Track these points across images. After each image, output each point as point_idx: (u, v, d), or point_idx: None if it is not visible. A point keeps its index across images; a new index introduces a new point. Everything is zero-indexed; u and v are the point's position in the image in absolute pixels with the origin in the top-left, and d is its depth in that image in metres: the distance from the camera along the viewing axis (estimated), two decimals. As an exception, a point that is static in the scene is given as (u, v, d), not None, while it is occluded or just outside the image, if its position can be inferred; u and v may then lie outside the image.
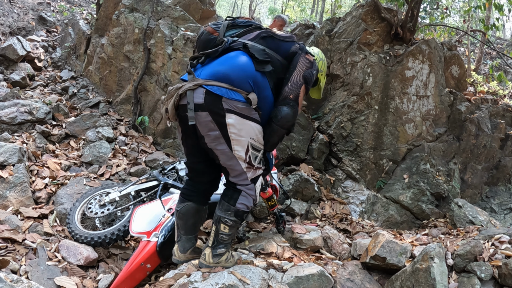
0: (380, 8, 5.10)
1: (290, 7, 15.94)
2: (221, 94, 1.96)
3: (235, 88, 1.99)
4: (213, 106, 1.97)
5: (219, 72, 2.01)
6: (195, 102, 1.98)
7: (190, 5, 6.37)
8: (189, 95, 1.99)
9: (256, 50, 2.08)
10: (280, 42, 2.20)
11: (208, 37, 2.18)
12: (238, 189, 2.19)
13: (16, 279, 1.96)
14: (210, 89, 1.97)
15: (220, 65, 2.04)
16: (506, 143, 5.29)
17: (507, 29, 18.24)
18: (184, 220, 2.36)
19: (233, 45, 2.11)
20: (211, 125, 2.00)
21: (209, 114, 1.98)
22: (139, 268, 2.48)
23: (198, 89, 1.99)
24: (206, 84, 1.98)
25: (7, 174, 3.35)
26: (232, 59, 2.05)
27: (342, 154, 4.69)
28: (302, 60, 2.16)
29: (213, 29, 2.18)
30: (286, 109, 2.06)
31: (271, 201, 2.92)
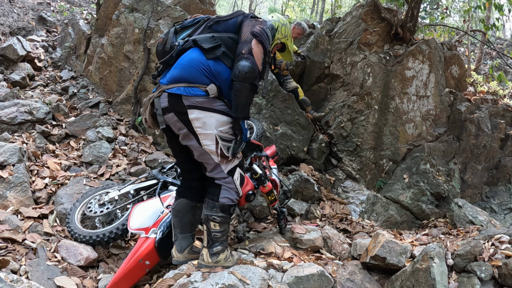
0: (380, 8, 5.10)
1: (290, 7, 15.94)
2: (180, 93, 2.07)
3: (192, 85, 2.08)
4: (175, 106, 2.09)
5: (174, 75, 2.14)
6: (162, 107, 2.14)
7: (190, 5, 6.37)
8: (156, 102, 2.16)
9: (204, 40, 2.13)
10: (227, 21, 2.24)
11: (163, 47, 2.29)
12: (217, 184, 2.24)
13: (16, 279, 1.96)
14: (170, 91, 2.10)
15: (175, 69, 2.17)
16: (506, 143, 5.29)
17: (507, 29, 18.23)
18: (179, 217, 2.41)
19: (185, 46, 2.19)
20: (178, 124, 2.13)
21: (174, 115, 2.11)
22: (137, 264, 2.47)
23: (163, 95, 2.15)
24: (167, 88, 2.12)
25: (7, 174, 3.35)
26: (182, 60, 2.16)
27: (342, 154, 4.69)
28: (247, 22, 2.17)
29: (162, 39, 2.31)
30: (242, 62, 2.02)
31: (271, 196, 2.90)
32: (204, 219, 2.28)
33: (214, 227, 2.25)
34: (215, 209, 2.23)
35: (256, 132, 3.89)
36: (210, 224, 2.25)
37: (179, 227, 2.43)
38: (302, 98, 4.87)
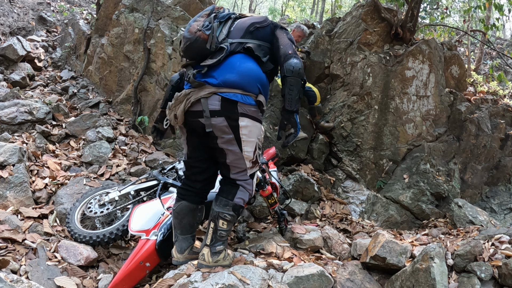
0: (380, 8, 5.10)
1: (290, 7, 15.94)
2: (237, 100, 2.10)
3: (246, 93, 2.13)
4: (229, 112, 2.10)
5: (230, 80, 2.11)
6: (211, 109, 2.10)
7: (190, 5, 6.37)
8: (203, 102, 2.10)
9: (257, 50, 2.20)
10: (264, 28, 2.30)
11: (204, 45, 2.16)
12: (237, 184, 2.28)
13: (16, 279, 1.96)
14: (226, 96, 2.09)
15: (229, 73, 2.13)
16: (506, 143, 5.29)
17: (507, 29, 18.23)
18: (179, 219, 2.41)
19: (233, 48, 2.18)
20: (225, 129, 2.13)
21: (225, 120, 2.11)
22: (138, 266, 2.47)
23: (213, 96, 2.10)
24: (220, 91, 2.09)
25: (7, 174, 3.35)
26: (240, 66, 2.15)
27: (342, 154, 4.69)
28: (280, 32, 2.29)
29: (208, 36, 2.16)
30: (294, 60, 2.13)
31: (271, 199, 2.91)
32: (214, 216, 2.27)
33: (222, 225, 2.26)
34: (227, 207, 2.25)
35: None
36: (219, 222, 2.25)
37: (179, 229, 2.43)
38: (318, 105, 4.69)
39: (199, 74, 2.17)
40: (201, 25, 2.17)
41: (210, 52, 2.17)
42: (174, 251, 2.43)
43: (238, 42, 2.20)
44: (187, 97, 2.15)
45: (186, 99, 2.15)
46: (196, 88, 2.14)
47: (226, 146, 2.18)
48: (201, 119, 2.14)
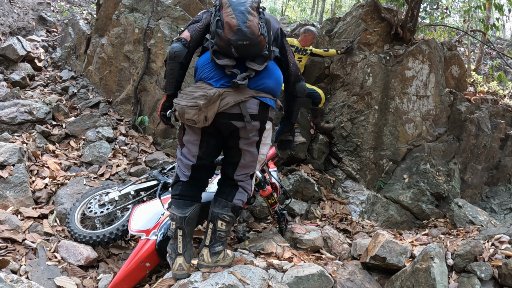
0: (380, 8, 5.10)
1: (290, 7, 15.93)
2: (270, 104, 2.18)
3: (275, 98, 2.23)
4: (263, 116, 2.15)
5: (268, 86, 2.16)
6: (250, 113, 2.09)
7: (190, 5, 6.37)
8: (242, 106, 2.06)
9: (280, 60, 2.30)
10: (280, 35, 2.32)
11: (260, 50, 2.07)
12: (237, 185, 2.28)
13: (16, 279, 1.96)
14: (264, 100, 2.13)
15: (267, 79, 2.16)
16: (506, 143, 5.29)
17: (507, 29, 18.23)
18: (192, 225, 2.27)
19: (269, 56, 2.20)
20: (254, 132, 2.14)
21: (259, 123, 2.14)
22: (138, 266, 2.47)
23: (252, 100, 2.10)
24: (259, 96, 2.11)
25: (7, 174, 3.35)
26: (274, 74, 2.21)
27: (342, 154, 4.69)
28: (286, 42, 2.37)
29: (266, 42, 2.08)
30: (302, 83, 2.38)
31: (271, 199, 2.92)
32: (213, 216, 2.24)
33: (221, 226, 2.24)
34: (226, 208, 2.24)
35: None
36: (217, 223, 2.23)
37: (190, 236, 2.26)
38: (321, 107, 4.64)
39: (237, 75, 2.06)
40: (262, 27, 2.04)
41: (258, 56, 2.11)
42: (183, 263, 2.19)
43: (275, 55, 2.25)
44: (221, 98, 2.01)
45: (220, 100, 2.01)
46: (231, 89, 2.04)
47: (247, 147, 2.18)
48: (236, 122, 2.07)
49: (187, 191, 2.27)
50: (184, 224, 2.20)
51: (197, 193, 2.31)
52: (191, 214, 2.22)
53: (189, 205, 2.24)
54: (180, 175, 2.29)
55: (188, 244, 2.24)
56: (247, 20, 1.98)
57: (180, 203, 2.24)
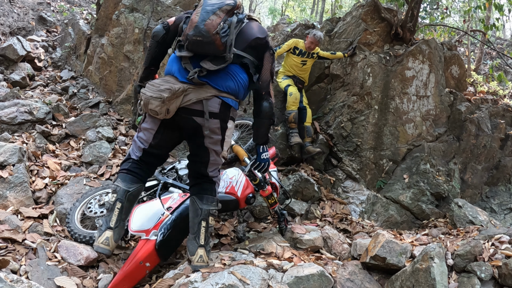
0: (380, 8, 5.10)
1: (290, 7, 15.94)
2: (232, 105, 2.27)
3: (237, 99, 2.32)
4: (224, 116, 2.25)
5: (230, 87, 2.24)
6: (210, 111, 2.18)
7: (190, 5, 6.37)
8: (205, 104, 2.16)
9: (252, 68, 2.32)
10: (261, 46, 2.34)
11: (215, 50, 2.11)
12: (213, 181, 2.41)
13: (16, 279, 1.96)
14: (225, 100, 2.23)
15: (230, 80, 2.24)
16: (506, 143, 5.29)
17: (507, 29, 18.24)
18: (132, 203, 2.32)
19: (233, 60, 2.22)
20: (217, 131, 2.24)
21: (219, 122, 2.23)
22: (138, 266, 2.47)
23: (214, 99, 2.19)
24: (222, 95, 2.21)
25: (7, 174, 3.35)
26: (237, 76, 2.27)
27: (342, 154, 4.69)
28: (268, 57, 2.37)
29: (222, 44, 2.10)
30: (265, 103, 2.38)
31: (271, 199, 2.91)
32: (205, 214, 2.31)
33: (211, 222, 2.35)
34: (214, 203, 2.37)
35: None
36: (209, 219, 2.33)
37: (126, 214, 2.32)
38: (307, 126, 4.49)
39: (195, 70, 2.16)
40: (220, 28, 2.07)
41: (214, 56, 2.15)
42: (111, 237, 2.16)
43: (238, 55, 2.24)
44: (185, 93, 2.14)
45: (183, 95, 2.14)
46: (196, 86, 2.16)
47: (212, 146, 2.30)
48: (196, 117, 2.19)
49: (136, 169, 2.34)
50: (125, 198, 2.24)
51: (145, 174, 2.39)
52: (134, 191, 2.29)
53: (135, 182, 2.31)
54: (131, 153, 2.39)
55: (122, 221, 2.24)
56: (207, 18, 2.07)
57: (127, 177, 2.30)
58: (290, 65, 4.65)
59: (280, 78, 4.68)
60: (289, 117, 4.38)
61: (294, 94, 4.41)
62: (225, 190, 2.87)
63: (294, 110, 4.39)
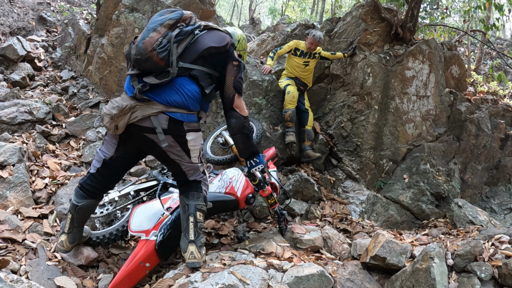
0: (380, 8, 5.10)
1: (290, 7, 15.94)
2: (183, 120, 2.23)
3: (190, 112, 2.26)
4: (175, 131, 2.22)
5: (176, 101, 2.20)
6: (162, 127, 2.19)
7: (190, 5, 6.37)
8: (154, 120, 2.17)
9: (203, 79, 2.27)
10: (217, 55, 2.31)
11: (155, 67, 2.14)
12: (198, 180, 2.47)
13: (16, 279, 1.96)
14: (173, 116, 2.20)
15: (175, 94, 2.20)
16: (506, 143, 5.29)
17: (507, 29, 18.24)
18: (82, 215, 2.52)
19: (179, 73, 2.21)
20: (172, 144, 2.25)
21: (171, 137, 2.22)
22: (138, 267, 2.47)
23: (161, 116, 2.18)
24: (168, 111, 2.18)
25: (7, 174, 3.35)
26: (185, 88, 2.22)
27: (342, 154, 4.69)
28: (230, 69, 2.36)
29: (160, 59, 2.11)
30: (232, 120, 2.41)
31: (271, 199, 2.91)
32: (192, 209, 2.36)
33: (200, 217, 2.38)
34: (200, 199, 2.42)
35: (256, 133, 3.89)
36: (197, 214, 2.36)
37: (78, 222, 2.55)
38: (308, 129, 4.48)
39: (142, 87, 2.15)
40: (157, 44, 2.10)
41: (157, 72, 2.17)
42: (65, 241, 2.54)
43: (185, 67, 2.21)
44: (132, 111, 2.16)
45: (131, 112, 2.16)
46: (143, 103, 2.17)
47: (177, 157, 2.33)
48: (148, 134, 2.21)
49: (89, 185, 2.47)
50: (74, 211, 2.48)
51: (97, 190, 2.49)
52: (82, 206, 2.47)
53: (84, 198, 2.47)
54: (91, 166, 2.50)
55: (75, 228, 2.55)
56: (147, 36, 2.12)
57: (78, 192, 2.49)
58: (292, 66, 4.65)
59: (282, 79, 4.68)
60: (285, 116, 4.38)
61: (291, 93, 4.41)
62: (225, 190, 2.87)
63: (291, 109, 4.38)
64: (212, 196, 2.81)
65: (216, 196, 2.83)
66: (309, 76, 4.71)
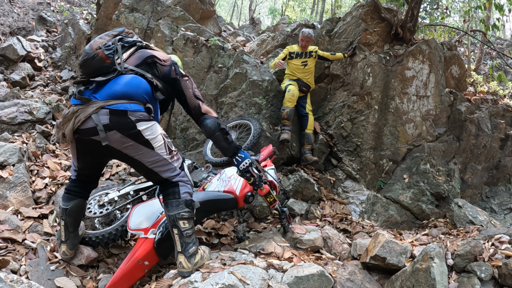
0: (380, 8, 5.10)
1: (290, 7, 15.94)
2: (125, 109, 2.13)
3: (134, 101, 2.19)
4: (121, 123, 2.12)
5: (116, 91, 2.16)
6: (103, 123, 2.11)
7: (190, 5, 6.37)
8: (95, 118, 2.10)
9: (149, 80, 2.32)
10: (162, 67, 2.42)
11: (101, 64, 2.21)
12: (174, 182, 2.34)
13: (16, 279, 1.96)
14: (113, 108, 2.12)
15: (116, 85, 2.19)
16: (506, 143, 5.29)
17: (507, 29, 18.24)
18: (74, 217, 2.56)
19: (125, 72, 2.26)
20: (123, 140, 2.15)
21: (117, 132, 2.12)
22: (136, 265, 2.46)
23: (101, 111, 2.11)
24: (107, 104, 2.12)
25: (7, 174, 3.35)
26: (123, 80, 2.22)
27: (342, 154, 4.69)
28: (184, 84, 2.48)
29: (106, 56, 2.22)
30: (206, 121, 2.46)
31: (270, 198, 2.91)
32: (172, 221, 2.27)
33: (184, 225, 2.27)
34: (180, 206, 2.29)
35: (254, 133, 3.89)
36: (180, 224, 2.26)
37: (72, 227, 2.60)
38: (308, 133, 4.48)
39: (87, 91, 2.19)
40: (103, 43, 2.25)
41: (104, 71, 2.22)
42: (66, 250, 2.60)
43: (131, 68, 2.28)
44: (75, 115, 2.14)
45: (74, 117, 2.13)
46: (84, 105, 2.15)
47: (136, 154, 2.22)
48: (94, 136, 2.13)
49: (73, 187, 2.57)
50: (66, 215, 2.53)
51: (82, 189, 2.58)
52: (72, 207, 2.52)
53: (71, 200, 2.53)
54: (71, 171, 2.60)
55: (70, 234, 2.59)
56: (93, 42, 2.26)
57: (65, 196, 2.56)
58: (292, 69, 4.66)
59: (284, 81, 4.68)
60: (282, 113, 4.37)
61: (292, 91, 4.41)
62: (223, 189, 2.87)
63: (289, 107, 4.36)
64: (211, 195, 2.81)
65: (215, 195, 2.82)
66: (310, 76, 4.71)
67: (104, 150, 2.18)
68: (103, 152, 2.25)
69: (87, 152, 2.31)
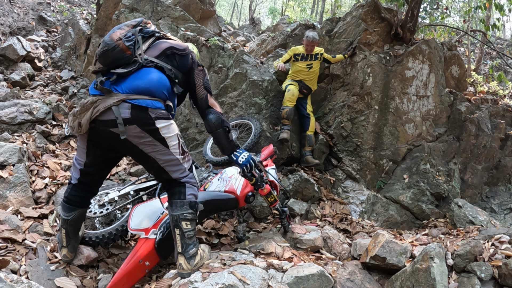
0: (380, 8, 5.10)
1: (290, 7, 15.94)
2: (147, 105, 2.15)
3: (154, 98, 2.21)
4: (142, 119, 2.14)
5: (139, 87, 2.17)
6: (123, 117, 2.11)
7: (190, 5, 6.37)
8: (115, 110, 2.10)
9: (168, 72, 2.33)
10: (180, 57, 2.43)
11: (121, 55, 2.20)
12: (182, 182, 2.34)
13: (16, 279, 1.96)
14: (136, 103, 2.13)
15: (138, 80, 2.19)
16: (506, 143, 5.29)
17: (507, 29, 18.25)
18: (75, 226, 2.57)
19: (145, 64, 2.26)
20: (141, 135, 2.16)
21: (137, 126, 2.14)
22: (137, 265, 2.46)
23: (122, 104, 2.12)
24: (129, 98, 2.12)
25: (7, 174, 3.35)
26: (147, 75, 2.23)
27: (342, 154, 4.69)
28: (197, 74, 2.48)
29: (127, 47, 2.21)
30: (210, 116, 2.45)
31: (270, 197, 2.91)
32: (175, 221, 2.27)
33: (186, 226, 2.27)
34: (184, 207, 2.29)
35: (254, 132, 3.89)
36: (182, 224, 2.26)
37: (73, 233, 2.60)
38: (309, 134, 4.48)
39: (108, 81, 2.17)
40: (124, 34, 2.23)
41: (124, 62, 2.21)
42: (67, 253, 2.60)
43: (151, 60, 2.29)
44: (94, 105, 2.12)
45: (93, 107, 2.12)
46: (104, 96, 2.14)
47: (152, 150, 2.22)
48: (113, 128, 2.12)
49: (73, 196, 2.50)
50: (67, 225, 2.52)
51: (83, 198, 2.53)
52: (73, 217, 2.51)
53: (72, 210, 2.50)
54: (71, 177, 2.51)
55: (72, 239, 2.60)
56: (112, 33, 2.23)
57: (65, 206, 2.51)
58: (296, 71, 4.63)
59: (286, 82, 4.67)
60: (282, 112, 4.36)
61: (292, 90, 4.41)
62: (224, 189, 2.87)
63: (289, 106, 4.35)
64: (211, 194, 2.81)
65: (216, 195, 2.82)
66: (313, 79, 4.68)
67: (118, 143, 2.18)
68: (116, 146, 2.24)
69: (98, 145, 2.28)
